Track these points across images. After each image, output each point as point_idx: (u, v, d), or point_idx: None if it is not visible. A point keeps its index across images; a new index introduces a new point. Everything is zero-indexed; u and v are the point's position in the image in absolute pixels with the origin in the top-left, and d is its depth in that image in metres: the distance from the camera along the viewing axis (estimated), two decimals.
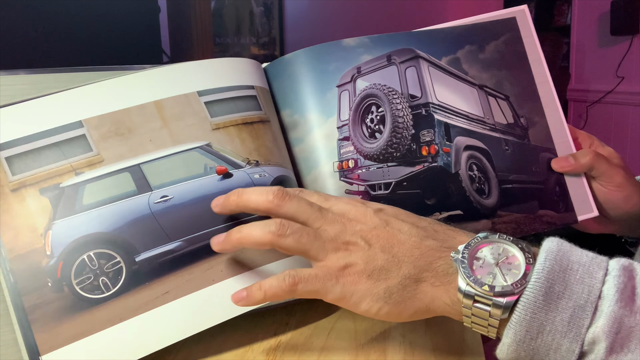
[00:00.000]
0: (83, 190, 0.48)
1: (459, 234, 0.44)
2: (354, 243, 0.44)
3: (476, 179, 0.58)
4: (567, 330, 0.37)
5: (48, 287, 0.45)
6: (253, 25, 3.30)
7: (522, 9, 0.63)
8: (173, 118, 0.51)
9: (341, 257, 0.43)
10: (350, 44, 0.58)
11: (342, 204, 0.47)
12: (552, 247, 0.39)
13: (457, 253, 0.41)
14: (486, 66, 0.61)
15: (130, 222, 0.48)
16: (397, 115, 0.57)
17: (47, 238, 0.46)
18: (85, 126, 0.49)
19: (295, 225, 0.44)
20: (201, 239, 0.49)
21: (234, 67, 0.56)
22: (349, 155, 0.57)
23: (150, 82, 0.52)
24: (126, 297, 0.46)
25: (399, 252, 0.43)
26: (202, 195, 0.50)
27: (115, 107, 0.50)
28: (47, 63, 1.28)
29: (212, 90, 0.54)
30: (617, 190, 0.60)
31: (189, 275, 0.48)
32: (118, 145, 0.49)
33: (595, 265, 0.39)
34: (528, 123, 0.62)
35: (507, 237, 0.42)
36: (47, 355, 0.43)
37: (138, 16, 1.52)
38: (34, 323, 0.44)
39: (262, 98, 0.57)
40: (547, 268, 0.38)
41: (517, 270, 0.40)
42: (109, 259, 0.47)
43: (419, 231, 0.44)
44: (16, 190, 0.46)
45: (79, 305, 0.45)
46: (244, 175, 0.52)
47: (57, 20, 1.32)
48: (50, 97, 0.49)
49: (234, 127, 0.54)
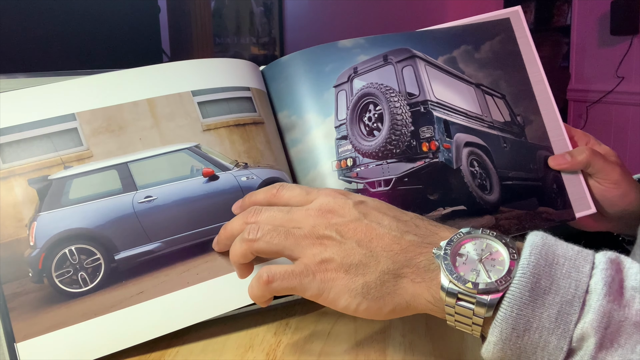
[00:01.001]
0: (70, 185, 0.48)
1: (441, 230, 0.43)
2: (328, 237, 0.42)
3: (477, 175, 0.59)
4: (555, 327, 0.36)
5: (29, 277, 0.46)
6: (253, 25, 3.31)
7: (515, 10, 0.64)
8: (164, 117, 0.51)
9: (317, 253, 0.42)
10: (347, 45, 0.59)
11: (322, 197, 0.45)
12: (536, 242, 0.38)
13: (440, 249, 0.40)
14: (482, 65, 0.62)
15: (113, 220, 0.49)
16: (396, 113, 0.58)
17: (31, 229, 0.47)
18: (78, 119, 0.49)
19: (265, 227, 0.44)
20: (180, 242, 0.50)
21: (231, 67, 0.56)
22: (347, 153, 0.57)
23: (146, 79, 0.52)
24: (102, 293, 0.47)
25: (377, 247, 0.41)
26: (186, 197, 0.51)
27: (109, 102, 0.50)
28: (47, 62, 1.28)
29: (207, 90, 0.54)
30: (613, 188, 0.61)
31: (164, 276, 0.49)
32: (108, 142, 0.49)
33: (582, 259, 0.37)
34: (524, 121, 0.62)
35: (491, 233, 0.41)
36: (22, 343, 0.44)
37: (138, 16, 1.52)
38: (12, 311, 0.45)
39: (257, 100, 0.57)
40: (533, 263, 0.37)
41: (501, 267, 0.38)
42: (89, 255, 0.48)
43: (400, 225, 0.43)
44: (5, 179, 0.47)
45: (56, 297, 0.46)
46: (230, 178, 0.53)
47: (57, 20, 1.32)
48: (45, 86, 0.49)
49: (225, 129, 0.54)
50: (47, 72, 0.52)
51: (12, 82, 0.51)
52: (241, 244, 0.44)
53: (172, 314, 0.48)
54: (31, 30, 1.26)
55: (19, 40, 1.24)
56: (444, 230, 0.43)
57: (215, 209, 0.51)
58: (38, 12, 1.27)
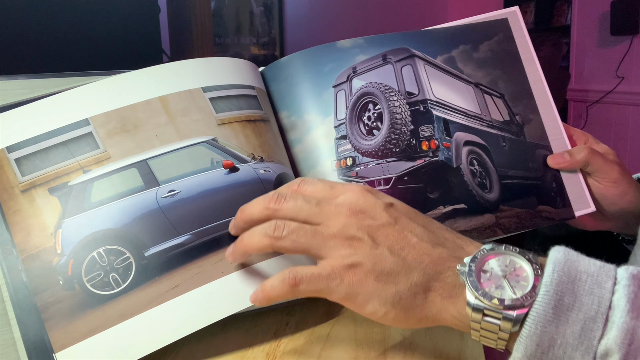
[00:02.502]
0: (91, 188, 0.48)
1: (466, 244, 0.43)
2: (359, 239, 0.41)
3: (477, 173, 0.59)
4: (579, 343, 0.36)
5: (59, 285, 0.45)
6: (253, 25, 3.31)
7: (513, 10, 0.65)
8: (178, 113, 0.52)
9: (346, 255, 0.41)
10: (345, 45, 0.59)
11: (350, 193, 0.44)
12: (559, 258, 0.38)
13: (464, 266, 0.40)
14: (481, 65, 0.62)
15: (138, 217, 0.48)
16: (395, 112, 0.58)
17: (57, 237, 0.46)
18: (92, 124, 0.49)
19: (291, 225, 0.43)
20: (209, 232, 0.49)
21: (235, 66, 0.57)
22: (346, 153, 0.57)
23: (155, 78, 0.52)
24: (136, 292, 0.46)
25: (409, 256, 0.41)
26: (209, 189, 0.50)
27: (121, 103, 0.50)
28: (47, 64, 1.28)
29: (216, 87, 0.54)
30: (613, 186, 0.61)
31: (198, 268, 0.48)
32: (124, 142, 0.49)
33: (604, 275, 0.37)
34: (523, 120, 0.62)
35: (514, 249, 0.41)
36: (61, 353, 0.44)
37: (138, 16, 1.53)
38: (47, 321, 0.44)
39: (261, 99, 0.57)
40: (556, 280, 0.37)
41: (526, 282, 0.39)
42: (118, 255, 0.47)
43: (430, 236, 0.42)
44: (26, 191, 0.47)
45: (90, 302, 0.45)
46: (249, 170, 0.53)
47: (57, 21, 1.32)
48: (56, 96, 0.49)
49: (238, 124, 0.54)
50: (48, 73, 0.52)
51: (13, 83, 0.51)
52: (262, 238, 0.43)
53: (210, 304, 0.47)
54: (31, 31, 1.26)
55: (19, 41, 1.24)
56: (469, 244, 0.43)
57: (238, 199, 0.51)
58: (37, 13, 1.27)
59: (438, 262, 0.41)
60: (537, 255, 0.40)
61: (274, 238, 0.43)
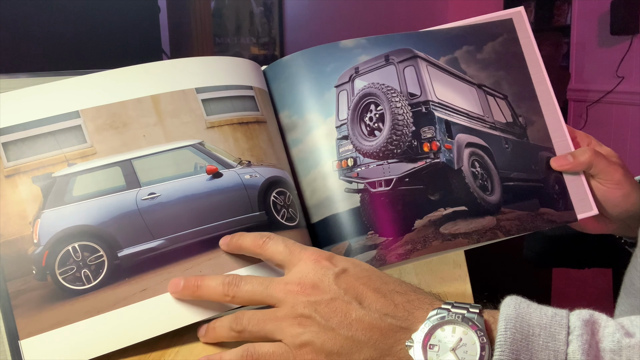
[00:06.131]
0: (74, 182, 0.48)
1: (416, 308, 0.42)
2: (307, 316, 0.42)
3: (479, 175, 0.59)
4: None
5: (32, 274, 0.46)
6: (253, 25, 3.31)
7: (518, 10, 0.64)
8: (168, 114, 0.51)
9: (296, 335, 0.42)
10: (348, 45, 0.59)
11: (302, 264, 0.45)
12: (510, 314, 0.39)
13: (411, 342, 0.40)
14: (484, 66, 0.62)
15: (116, 217, 0.48)
16: (397, 113, 0.57)
17: (35, 226, 0.47)
18: (82, 117, 0.49)
19: (246, 316, 0.45)
20: (183, 239, 0.50)
21: (234, 66, 0.56)
22: (348, 153, 0.57)
23: (150, 75, 0.52)
24: (105, 290, 0.47)
25: (358, 333, 0.41)
26: (189, 195, 0.51)
27: (113, 99, 0.50)
28: (48, 62, 1.28)
29: (211, 87, 0.54)
30: (616, 188, 0.60)
31: (167, 274, 0.49)
32: (112, 139, 0.49)
33: (557, 325, 0.38)
34: (526, 122, 0.62)
35: (457, 316, 0.40)
36: (26, 340, 0.44)
37: (138, 16, 1.52)
38: (16, 308, 0.45)
39: (259, 99, 0.57)
40: (509, 339, 0.37)
41: (474, 352, 0.39)
42: (92, 252, 0.48)
43: (380, 304, 0.42)
44: (10, 177, 0.47)
45: (60, 294, 0.46)
46: (234, 175, 0.53)
47: (57, 20, 1.32)
48: (50, 85, 0.49)
49: (228, 126, 0.54)
50: (48, 72, 0.52)
51: (13, 82, 0.51)
52: (229, 332, 0.46)
53: (175, 311, 0.48)
54: (31, 30, 1.26)
55: (20, 40, 1.24)
56: (418, 307, 0.43)
57: (218, 206, 0.51)
58: (38, 13, 1.27)
59: (388, 335, 0.41)
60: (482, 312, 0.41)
61: (237, 332, 0.45)
